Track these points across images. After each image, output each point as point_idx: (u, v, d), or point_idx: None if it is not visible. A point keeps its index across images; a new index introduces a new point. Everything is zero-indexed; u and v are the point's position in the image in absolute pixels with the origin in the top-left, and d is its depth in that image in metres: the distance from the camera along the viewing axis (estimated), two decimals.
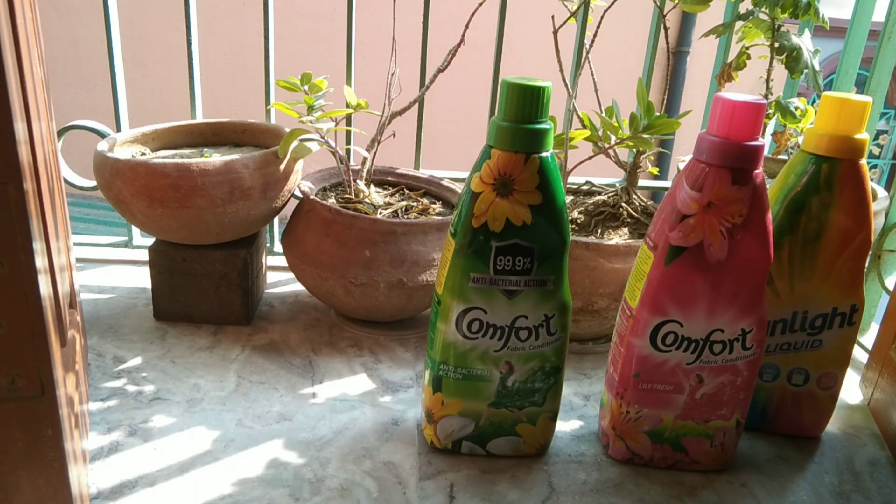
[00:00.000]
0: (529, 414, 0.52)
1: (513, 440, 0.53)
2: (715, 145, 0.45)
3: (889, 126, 5.00)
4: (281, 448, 0.53)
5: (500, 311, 0.48)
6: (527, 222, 0.45)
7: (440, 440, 0.53)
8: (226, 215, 0.66)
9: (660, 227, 0.48)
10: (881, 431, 0.61)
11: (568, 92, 0.75)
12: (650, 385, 0.51)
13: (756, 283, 0.48)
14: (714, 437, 0.53)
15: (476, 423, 0.52)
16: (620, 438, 0.53)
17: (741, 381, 0.51)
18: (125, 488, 0.48)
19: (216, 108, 0.93)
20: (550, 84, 0.45)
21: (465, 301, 0.48)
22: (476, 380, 0.50)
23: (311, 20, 3.05)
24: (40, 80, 0.46)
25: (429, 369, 0.52)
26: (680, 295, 0.48)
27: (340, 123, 0.69)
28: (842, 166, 0.51)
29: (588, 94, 0.76)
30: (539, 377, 0.51)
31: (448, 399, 0.51)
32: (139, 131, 0.74)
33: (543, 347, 0.49)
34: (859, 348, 0.73)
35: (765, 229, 0.47)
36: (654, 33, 0.82)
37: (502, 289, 0.47)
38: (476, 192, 0.46)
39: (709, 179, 0.46)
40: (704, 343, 0.49)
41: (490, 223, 0.45)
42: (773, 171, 0.80)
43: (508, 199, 0.45)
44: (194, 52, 0.81)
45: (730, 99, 0.45)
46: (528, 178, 0.45)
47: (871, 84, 0.75)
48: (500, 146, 0.45)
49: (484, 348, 0.49)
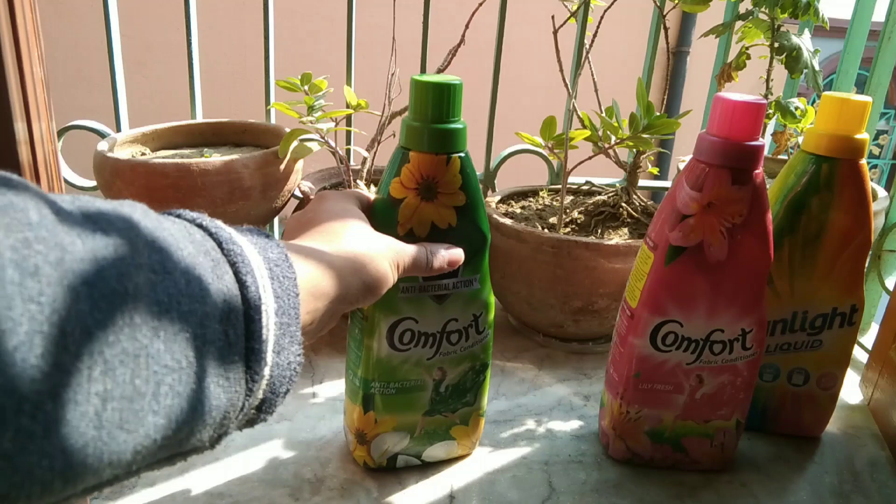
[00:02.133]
0: (462, 415, 0.51)
1: (448, 444, 0.52)
2: (715, 145, 0.45)
3: (889, 126, 5.00)
4: (281, 448, 0.53)
5: (431, 318, 0.46)
6: (452, 224, 0.44)
7: (374, 459, 0.50)
8: (226, 215, 0.66)
9: (660, 228, 0.48)
10: (881, 431, 0.61)
11: (568, 92, 0.75)
12: (650, 385, 0.51)
13: (756, 283, 0.48)
14: (714, 437, 0.53)
15: (411, 434, 0.50)
16: (620, 438, 0.53)
17: (741, 382, 0.51)
18: (125, 488, 0.48)
19: (216, 108, 0.93)
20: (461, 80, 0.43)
21: (395, 313, 0.45)
22: (410, 391, 0.48)
23: (311, 20, 3.05)
24: (40, 80, 0.46)
25: (356, 390, 0.49)
26: (680, 295, 0.48)
27: (340, 123, 0.69)
28: (842, 166, 0.51)
29: (588, 94, 0.76)
30: (470, 377, 0.50)
31: (381, 416, 0.49)
32: (139, 131, 0.74)
33: (473, 347, 0.49)
34: (859, 348, 0.73)
35: (765, 229, 0.47)
36: (654, 33, 0.82)
37: (432, 294, 0.46)
38: (398, 199, 0.43)
39: (709, 179, 0.45)
40: (704, 343, 0.49)
41: (416, 229, 0.43)
42: (773, 171, 0.80)
43: (433, 202, 0.43)
44: (194, 52, 0.81)
45: (730, 99, 0.45)
46: (451, 179, 0.43)
47: (871, 84, 0.75)
48: (420, 148, 0.43)
49: (417, 358, 0.47)
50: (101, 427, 0.20)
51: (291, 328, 0.29)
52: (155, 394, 0.22)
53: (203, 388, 0.24)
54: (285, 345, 0.28)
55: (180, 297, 0.23)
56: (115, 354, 0.21)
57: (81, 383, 0.20)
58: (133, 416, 0.21)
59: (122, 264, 0.22)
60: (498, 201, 0.76)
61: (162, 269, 0.23)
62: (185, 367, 0.23)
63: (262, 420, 0.29)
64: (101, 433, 0.20)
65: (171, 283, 0.23)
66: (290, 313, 0.29)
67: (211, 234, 0.27)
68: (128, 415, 0.21)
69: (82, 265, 0.21)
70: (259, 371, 0.27)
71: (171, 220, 0.27)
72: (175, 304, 0.23)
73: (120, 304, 0.21)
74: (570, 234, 0.69)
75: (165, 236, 0.24)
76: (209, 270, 0.25)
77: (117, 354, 0.21)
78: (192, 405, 0.24)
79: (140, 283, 0.22)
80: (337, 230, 0.37)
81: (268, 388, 0.28)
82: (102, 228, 0.22)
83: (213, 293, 0.25)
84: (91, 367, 0.20)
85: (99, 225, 0.22)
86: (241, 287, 0.26)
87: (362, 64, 0.87)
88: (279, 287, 0.28)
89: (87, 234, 0.21)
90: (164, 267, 0.23)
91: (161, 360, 0.22)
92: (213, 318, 0.25)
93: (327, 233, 0.37)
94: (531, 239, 0.65)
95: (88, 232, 0.22)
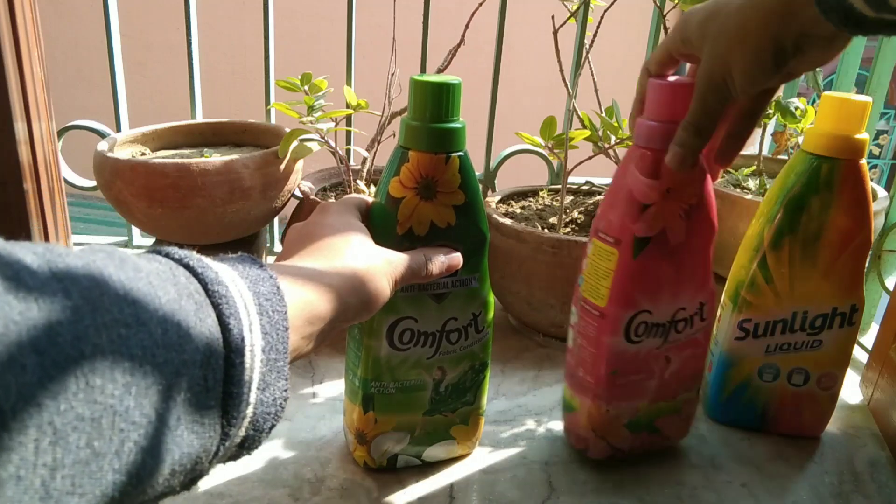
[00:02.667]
0: (462, 415, 0.51)
1: (448, 444, 0.52)
2: (663, 130, 0.45)
3: (889, 126, 5.00)
4: (281, 448, 0.53)
5: (431, 317, 0.46)
6: (451, 223, 0.44)
7: (374, 460, 0.50)
8: (226, 215, 0.66)
9: (618, 221, 0.47)
10: (881, 431, 0.61)
11: (568, 92, 0.75)
12: (626, 379, 0.51)
13: (706, 255, 0.50)
14: (682, 411, 0.54)
15: (411, 434, 0.50)
16: (602, 438, 0.53)
17: (700, 352, 0.52)
18: None
19: (216, 108, 0.93)
20: (461, 80, 0.43)
21: (395, 312, 0.45)
22: (410, 391, 0.48)
23: (311, 20, 3.05)
24: (40, 80, 0.46)
25: (355, 390, 0.49)
26: (649, 284, 0.48)
27: (340, 123, 0.69)
28: (842, 166, 0.51)
29: (588, 94, 0.76)
30: (470, 376, 0.50)
31: (381, 416, 0.49)
32: (139, 131, 0.74)
33: (473, 346, 0.49)
34: (859, 348, 0.73)
35: (711, 203, 0.48)
36: (654, 33, 0.82)
37: (431, 293, 0.46)
38: (397, 198, 0.43)
39: (664, 165, 0.45)
40: (670, 324, 0.50)
41: (415, 228, 0.43)
42: (773, 171, 0.80)
43: (432, 201, 0.43)
44: (194, 52, 0.81)
45: (668, 82, 0.45)
46: (450, 178, 0.43)
47: (871, 84, 0.75)
48: (419, 148, 0.43)
49: (416, 358, 0.47)
50: (48, 497, 0.20)
51: (279, 363, 0.28)
52: (118, 452, 0.22)
53: (173, 438, 0.24)
54: (271, 381, 0.28)
55: (155, 348, 0.23)
56: (68, 422, 0.20)
57: (26, 457, 0.19)
58: (88, 479, 0.21)
59: (80, 326, 0.21)
60: (498, 201, 0.76)
61: (136, 321, 0.23)
62: (155, 421, 0.23)
63: (245, 455, 0.29)
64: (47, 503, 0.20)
65: (145, 334, 0.23)
66: (279, 348, 0.28)
67: (196, 275, 0.27)
68: (81, 479, 0.21)
69: (32, 333, 0.20)
70: (237, 414, 0.26)
71: (157, 262, 0.26)
72: (149, 357, 0.23)
73: (74, 369, 0.21)
74: (570, 234, 0.69)
75: (141, 286, 0.24)
76: (192, 314, 0.25)
77: (70, 422, 0.20)
78: (159, 457, 0.23)
79: (103, 342, 0.22)
80: (337, 246, 0.37)
81: (250, 427, 0.28)
82: (65, 289, 0.22)
83: (193, 338, 0.25)
84: (38, 439, 0.20)
85: (63, 284, 0.22)
86: (224, 330, 0.26)
87: (362, 64, 0.87)
88: (268, 322, 0.28)
89: (46, 297, 0.21)
90: (139, 319, 0.23)
91: (130, 417, 0.22)
92: (192, 365, 0.24)
93: (327, 249, 0.37)
94: (531, 239, 0.65)
95: (48, 295, 0.21)
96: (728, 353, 0.57)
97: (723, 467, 0.55)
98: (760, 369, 0.57)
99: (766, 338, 0.56)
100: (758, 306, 0.55)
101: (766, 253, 0.54)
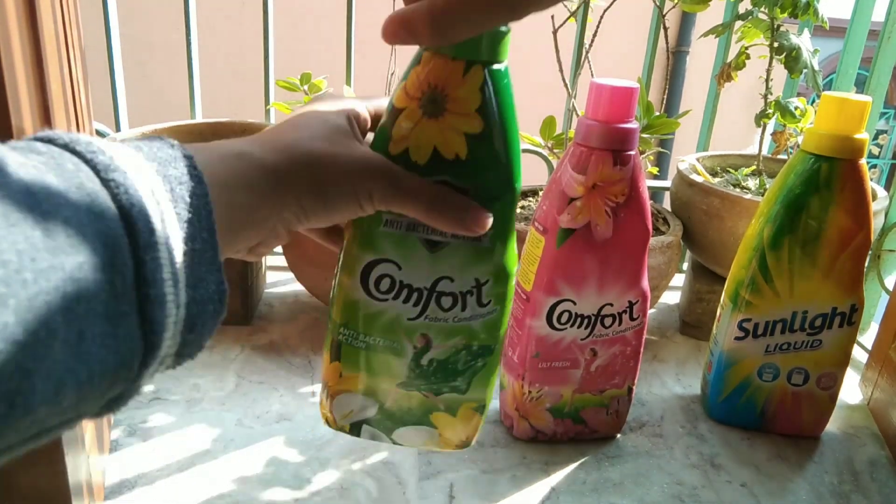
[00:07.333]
0: (448, 401, 0.40)
1: (426, 430, 0.41)
2: (595, 129, 0.47)
3: (889, 126, 5.00)
4: (281, 448, 0.53)
5: (419, 268, 0.36)
6: (460, 156, 0.33)
7: (336, 420, 0.41)
8: None
9: (548, 211, 0.50)
10: (881, 431, 0.61)
11: (568, 92, 0.75)
12: (549, 363, 0.53)
13: (639, 256, 0.51)
14: (609, 406, 0.55)
15: (380, 405, 0.40)
16: (524, 418, 0.55)
17: (630, 350, 0.54)
18: (124, 488, 0.48)
19: (216, 108, 0.93)
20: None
21: (374, 250, 0.36)
22: (383, 352, 0.38)
23: (310, 20, 3.05)
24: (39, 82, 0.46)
25: (328, 333, 0.40)
26: (572, 274, 0.50)
27: None
28: (841, 166, 0.51)
29: None
30: (463, 358, 0.39)
31: (347, 371, 0.39)
32: (139, 131, 0.74)
33: (471, 321, 0.38)
34: (859, 348, 0.73)
35: (644, 206, 0.49)
36: (654, 33, 0.82)
37: (422, 237, 0.35)
38: (398, 108, 0.34)
39: (592, 162, 0.47)
40: (596, 318, 0.51)
41: (412, 151, 0.34)
42: (772, 170, 0.80)
43: (438, 120, 0.33)
44: (194, 52, 0.81)
45: (605, 84, 0.47)
46: (465, 95, 0.32)
47: (870, 84, 0.75)
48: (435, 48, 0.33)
49: (395, 314, 0.37)
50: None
51: (207, 254, 0.24)
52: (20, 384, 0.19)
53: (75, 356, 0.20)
54: (202, 274, 0.24)
55: (35, 252, 0.19)
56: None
57: None
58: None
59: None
60: None
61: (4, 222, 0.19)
62: (45, 339, 0.19)
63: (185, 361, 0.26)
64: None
65: (19, 236, 0.19)
66: (204, 237, 0.24)
67: (87, 161, 0.22)
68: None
69: None
70: (161, 319, 0.23)
71: (33, 153, 0.22)
72: (28, 262, 0.19)
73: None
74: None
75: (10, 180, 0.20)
76: (83, 209, 0.21)
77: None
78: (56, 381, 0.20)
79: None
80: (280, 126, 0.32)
81: (185, 331, 0.24)
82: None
83: (88, 237, 0.21)
84: None
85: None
86: (127, 224, 0.22)
87: (362, 64, 0.87)
88: (185, 209, 0.24)
89: None
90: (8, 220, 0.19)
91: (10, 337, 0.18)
92: (90, 269, 0.20)
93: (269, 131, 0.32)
94: None
95: None
96: (728, 352, 0.57)
97: (723, 467, 0.55)
98: (760, 369, 0.57)
99: (766, 337, 0.56)
100: (757, 306, 0.55)
101: (766, 253, 0.54)
